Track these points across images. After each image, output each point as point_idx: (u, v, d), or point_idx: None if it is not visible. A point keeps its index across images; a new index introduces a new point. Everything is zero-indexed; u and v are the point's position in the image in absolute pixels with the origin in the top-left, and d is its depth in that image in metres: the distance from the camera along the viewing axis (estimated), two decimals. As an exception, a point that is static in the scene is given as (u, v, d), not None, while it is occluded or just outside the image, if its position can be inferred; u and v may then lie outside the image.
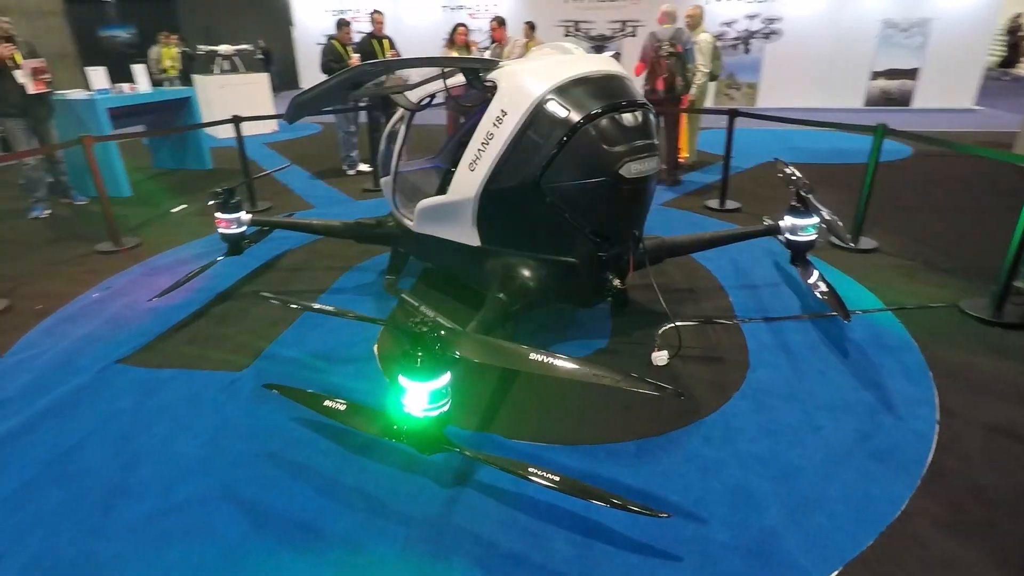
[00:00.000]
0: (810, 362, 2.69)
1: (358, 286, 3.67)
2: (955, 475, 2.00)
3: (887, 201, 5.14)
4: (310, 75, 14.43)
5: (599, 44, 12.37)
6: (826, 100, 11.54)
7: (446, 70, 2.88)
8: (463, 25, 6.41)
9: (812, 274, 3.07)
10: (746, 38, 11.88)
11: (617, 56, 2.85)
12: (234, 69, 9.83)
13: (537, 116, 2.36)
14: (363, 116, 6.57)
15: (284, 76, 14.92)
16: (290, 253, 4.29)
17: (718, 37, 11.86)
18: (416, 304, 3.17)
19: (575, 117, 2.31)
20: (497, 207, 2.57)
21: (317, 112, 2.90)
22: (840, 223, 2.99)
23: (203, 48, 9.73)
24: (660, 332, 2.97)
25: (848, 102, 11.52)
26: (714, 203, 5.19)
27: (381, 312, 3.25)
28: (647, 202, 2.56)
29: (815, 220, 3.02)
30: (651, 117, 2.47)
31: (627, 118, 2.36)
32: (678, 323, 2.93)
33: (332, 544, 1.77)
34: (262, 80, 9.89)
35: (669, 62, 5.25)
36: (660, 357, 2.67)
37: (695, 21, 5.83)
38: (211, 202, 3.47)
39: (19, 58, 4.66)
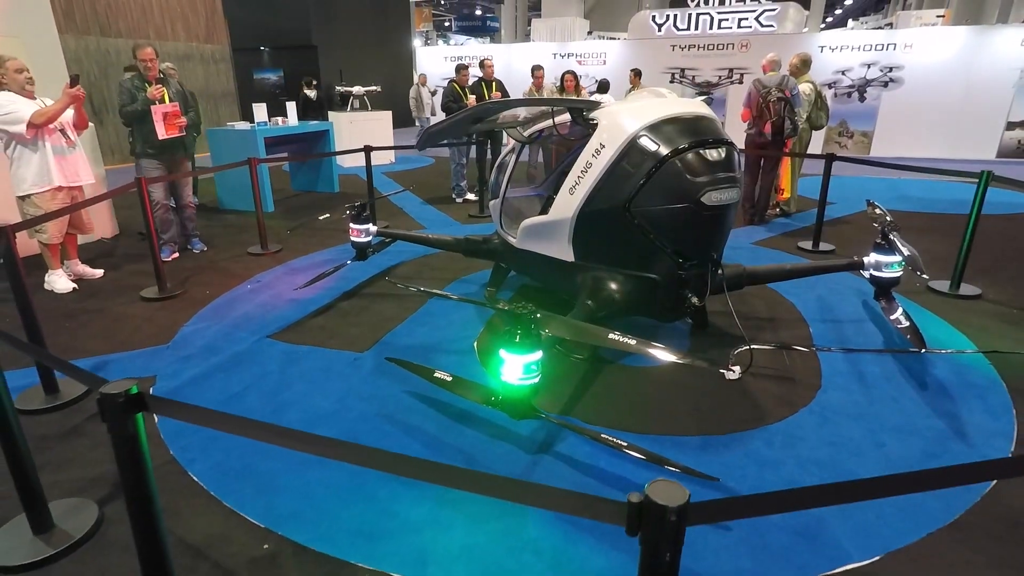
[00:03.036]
0: (884, 390, 2.78)
1: (461, 295, 4.14)
2: (1014, 503, 2.06)
3: (1000, 252, 4.95)
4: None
5: (704, 90, 12.59)
6: (951, 151, 10.96)
7: (555, 109, 3.33)
8: (571, 72, 6.96)
9: (895, 309, 3.14)
10: (861, 86, 11.62)
11: (708, 101, 3.18)
12: (363, 107, 11.08)
13: (631, 149, 2.73)
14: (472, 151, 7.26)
15: (403, 115, 16.37)
16: (403, 264, 4.89)
17: (831, 85, 11.77)
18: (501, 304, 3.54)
19: (663, 151, 2.66)
20: (591, 227, 2.94)
21: (441, 143, 3.42)
22: (919, 258, 3.08)
23: (340, 89, 11.06)
24: (735, 352, 3.17)
25: (977, 153, 10.86)
26: (807, 244, 5.24)
27: (480, 318, 3.69)
28: (726, 228, 2.83)
29: (900, 258, 3.11)
30: (734, 154, 2.76)
31: (711, 153, 2.67)
32: (754, 346, 3.12)
33: (433, 484, 2.16)
34: (386, 117, 11.06)
35: (778, 107, 5.46)
36: (732, 372, 2.87)
37: (792, 69, 5.97)
38: (346, 214, 4.13)
39: (168, 99, 4.67)
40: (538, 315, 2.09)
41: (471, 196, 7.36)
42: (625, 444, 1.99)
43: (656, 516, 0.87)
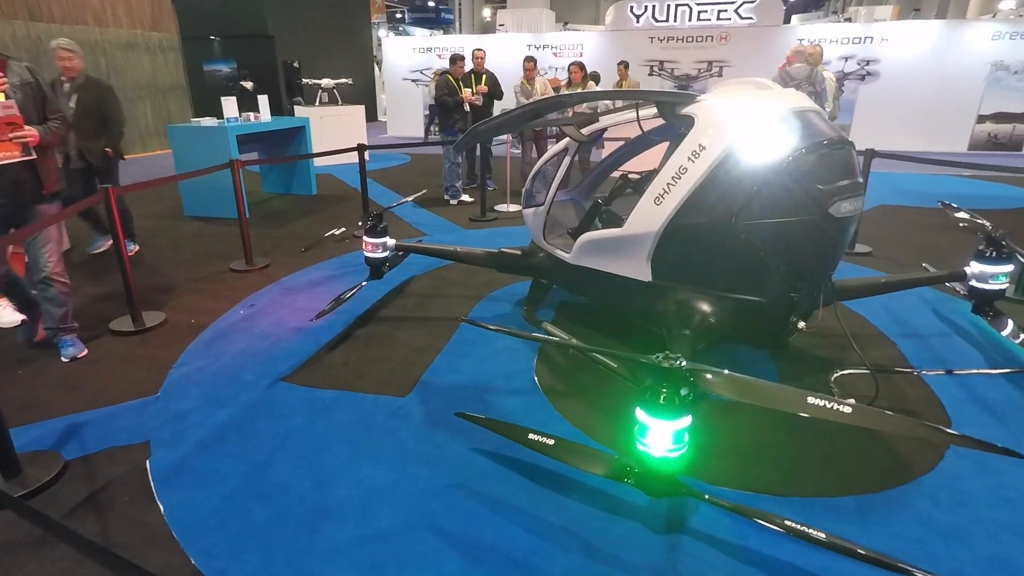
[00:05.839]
0: (1022, 422, 2.45)
1: (495, 316, 3.64)
2: None
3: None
4: (392, 108, 15.02)
5: (683, 84, 12.37)
6: (925, 143, 11.08)
7: (618, 103, 2.87)
8: (576, 64, 6.51)
9: (1006, 324, 2.83)
10: (840, 79, 11.62)
11: None
12: (333, 101, 10.32)
13: (739, 151, 2.29)
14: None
15: (368, 109, 15.57)
16: (415, 280, 4.33)
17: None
18: (561, 336, 3.11)
19: (783, 153, 2.23)
20: (682, 243, 2.49)
21: (490, 140, 2.91)
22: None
23: (308, 81, 10.27)
24: (833, 379, 2.81)
25: (950, 146, 11.02)
26: (841, 245, 4.96)
27: (529, 344, 3.19)
28: (847, 243, 2.43)
29: (1008, 267, 2.80)
30: (856, 155, 2.37)
31: (836, 155, 2.27)
32: (852, 371, 2.76)
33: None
34: (358, 111, 10.33)
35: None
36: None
37: (816, 60, 5.71)
38: (359, 226, 3.56)
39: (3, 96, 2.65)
40: (698, 370, 1.62)
41: (466, 198, 6.82)
42: (823, 536, 1.56)
43: None
